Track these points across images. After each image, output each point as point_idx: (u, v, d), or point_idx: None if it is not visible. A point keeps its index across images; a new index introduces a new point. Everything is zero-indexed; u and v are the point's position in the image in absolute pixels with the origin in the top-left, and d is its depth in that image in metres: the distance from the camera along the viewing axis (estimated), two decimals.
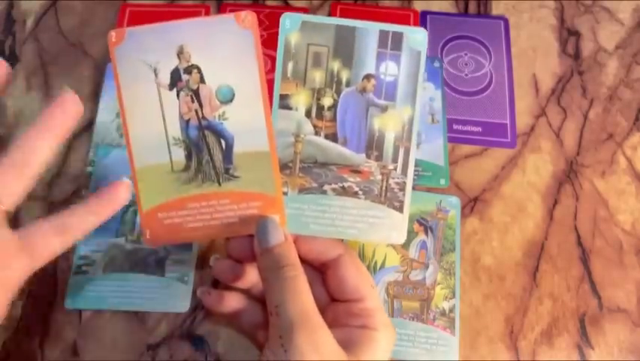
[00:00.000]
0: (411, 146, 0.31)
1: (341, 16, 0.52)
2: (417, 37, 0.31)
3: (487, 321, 0.40)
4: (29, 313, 0.40)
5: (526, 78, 0.50)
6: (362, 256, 0.41)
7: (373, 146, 0.31)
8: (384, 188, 0.31)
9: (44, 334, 0.40)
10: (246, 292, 0.34)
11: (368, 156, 0.31)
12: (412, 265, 0.41)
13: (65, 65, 0.50)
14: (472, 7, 0.53)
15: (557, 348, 0.40)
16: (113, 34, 0.30)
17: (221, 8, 0.52)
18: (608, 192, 0.45)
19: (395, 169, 0.31)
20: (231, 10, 0.52)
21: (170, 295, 0.40)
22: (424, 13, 0.52)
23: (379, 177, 0.31)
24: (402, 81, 0.31)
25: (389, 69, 0.31)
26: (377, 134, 0.31)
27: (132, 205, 0.43)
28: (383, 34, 0.31)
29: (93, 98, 0.48)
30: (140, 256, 0.41)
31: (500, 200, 0.45)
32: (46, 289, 0.41)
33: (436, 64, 0.49)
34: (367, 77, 0.31)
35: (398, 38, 0.31)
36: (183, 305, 0.40)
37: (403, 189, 0.31)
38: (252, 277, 0.33)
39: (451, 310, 0.40)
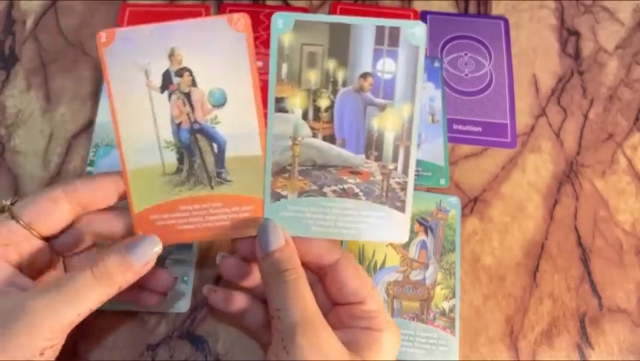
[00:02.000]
0: (411, 145, 0.31)
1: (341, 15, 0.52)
2: (414, 31, 0.30)
3: (487, 321, 0.40)
4: None
5: (526, 78, 0.50)
6: (362, 256, 0.41)
7: (372, 146, 0.31)
8: (384, 188, 0.31)
9: None
10: (251, 292, 0.34)
11: (367, 157, 0.31)
12: (412, 265, 0.41)
13: (65, 65, 0.50)
14: (472, 7, 0.53)
15: (557, 348, 0.40)
16: (102, 34, 0.30)
17: (221, 8, 0.52)
18: (608, 192, 0.45)
19: (395, 169, 0.31)
20: (231, 10, 0.52)
21: (170, 295, 0.40)
22: (424, 13, 0.52)
23: (379, 177, 0.31)
24: (400, 78, 0.30)
25: (386, 66, 0.30)
26: (376, 134, 0.31)
27: None
28: (379, 30, 0.30)
29: (93, 98, 0.48)
30: None
31: (500, 200, 0.45)
32: None
33: (436, 64, 0.49)
34: (364, 75, 0.30)
35: (395, 34, 0.30)
36: (183, 305, 0.40)
37: (404, 188, 0.31)
38: (257, 276, 0.33)
39: (451, 310, 0.40)
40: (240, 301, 0.34)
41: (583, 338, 0.40)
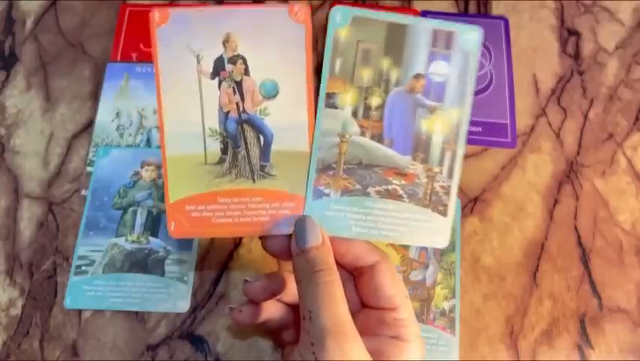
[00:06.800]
0: (458, 149, 0.30)
1: None
2: (469, 36, 0.29)
3: (487, 321, 0.40)
4: (29, 313, 0.40)
5: (526, 78, 0.50)
6: None
7: (420, 148, 0.30)
8: (428, 191, 0.30)
9: (44, 334, 0.40)
10: (277, 299, 0.34)
11: (414, 159, 0.30)
12: (412, 265, 0.41)
13: (65, 65, 0.50)
14: (472, 7, 0.53)
15: (557, 348, 0.40)
16: (156, 14, 0.28)
17: None
18: (608, 192, 0.45)
19: (440, 172, 0.30)
20: None
21: (170, 295, 0.40)
22: (424, 13, 0.52)
23: (424, 180, 0.30)
24: (452, 82, 0.30)
25: (439, 69, 0.30)
26: (424, 136, 0.30)
27: (132, 205, 0.43)
28: (435, 33, 0.29)
29: (93, 98, 0.48)
30: (139, 256, 0.41)
31: (500, 200, 0.45)
32: (46, 289, 0.41)
33: None
34: (417, 76, 0.30)
35: (450, 37, 0.29)
36: (183, 305, 0.40)
37: (447, 192, 0.30)
38: (288, 290, 0.33)
39: (451, 310, 0.40)
40: (267, 311, 0.33)
41: (583, 338, 0.40)
